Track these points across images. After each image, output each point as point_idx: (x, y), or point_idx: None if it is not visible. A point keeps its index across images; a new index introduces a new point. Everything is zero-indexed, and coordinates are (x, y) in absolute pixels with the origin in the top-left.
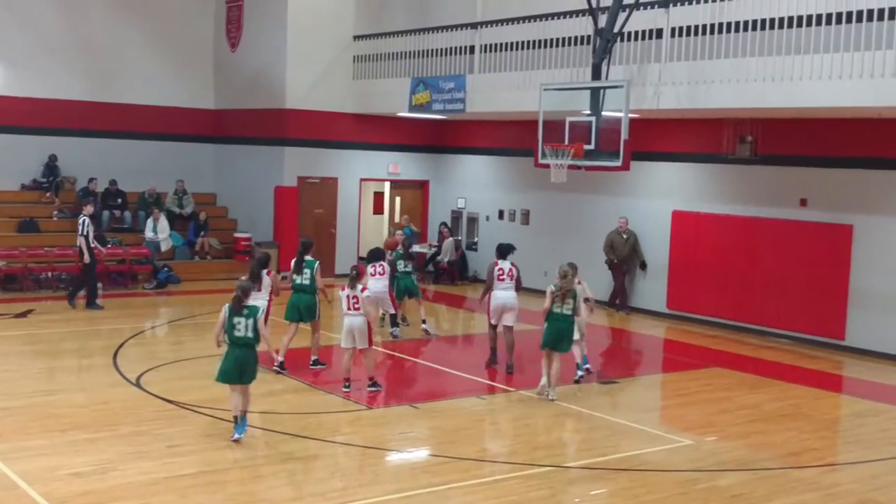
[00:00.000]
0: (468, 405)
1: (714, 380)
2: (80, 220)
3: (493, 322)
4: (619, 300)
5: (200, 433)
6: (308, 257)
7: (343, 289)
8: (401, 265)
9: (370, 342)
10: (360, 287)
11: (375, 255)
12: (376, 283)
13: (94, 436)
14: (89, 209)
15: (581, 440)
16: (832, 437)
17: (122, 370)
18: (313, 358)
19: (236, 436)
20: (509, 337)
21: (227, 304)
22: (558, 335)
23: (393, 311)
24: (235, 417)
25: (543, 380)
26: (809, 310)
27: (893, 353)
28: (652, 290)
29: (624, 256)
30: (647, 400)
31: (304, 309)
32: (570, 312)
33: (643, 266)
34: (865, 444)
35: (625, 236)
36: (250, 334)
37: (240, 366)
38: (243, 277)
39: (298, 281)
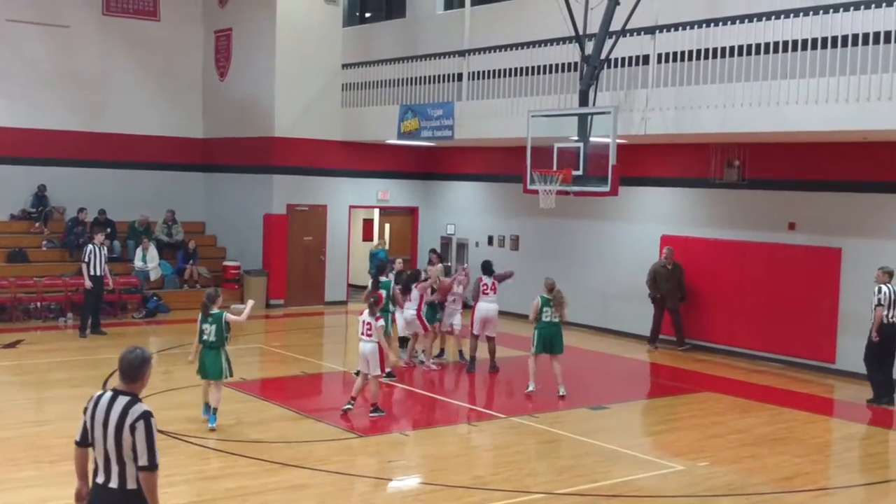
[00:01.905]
0: (459, 432)
1: (705, 404)
2: (85, 248)
3: (475, 332)
4: (676, 336)
5: (190, 463)
6: (383, 278)
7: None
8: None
9: (382, 369)
10: (376, 315)
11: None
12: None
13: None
14: (98, 238)
15: (572, 466)
16: (824, 460)
17: None
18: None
19: (211, 426)
20: (492, 345)
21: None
22: (550, 340)
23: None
24: (208, 405)
25: (531, 385)
26: (799, 333)
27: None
28: (641, 315)
29: (668, 290)
30: (637, 425)
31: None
32: (557, 320)
33: (682, 299)
34: (857, 468)
35: (669, 267)
36: (213, 338)
37: (206, 364)
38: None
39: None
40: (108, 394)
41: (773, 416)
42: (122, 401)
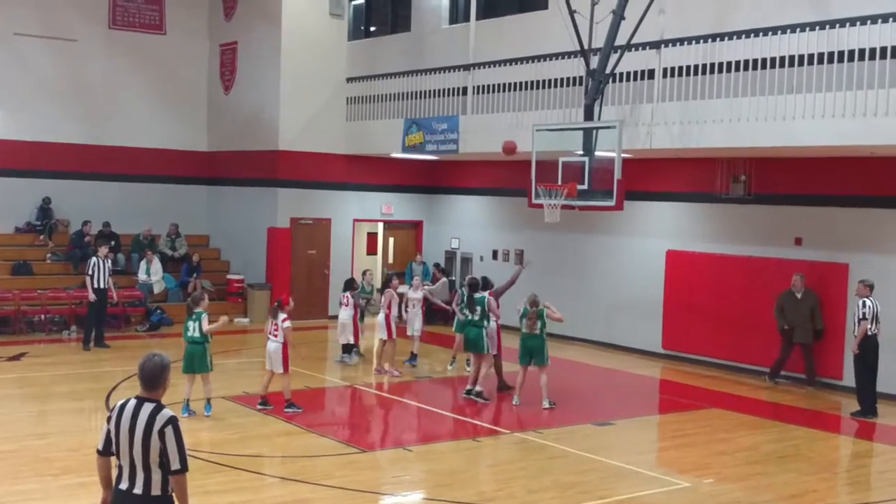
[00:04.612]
0: (463, 447)
1: (711, 421)
2: (89, 261)
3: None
4: (805, 373)
5: (192, 477)
6: (478, 294)
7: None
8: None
9: (286, 368)
10: (281, 317)
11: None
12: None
13: (87, 480)
14: (102, 250)
15: (577, 483)
16: (832, 478)
17: None
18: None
19: (207, 413)
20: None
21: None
22: (530, 351)
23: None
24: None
25: (516, 399)
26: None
27: (892, 392)
28: (647, 329)
29: (799, 322)
30: (643, 441)
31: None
32: (538, 332)
33: (818, 334)
34: (866, 486)
35: (798, 296)
36: (197, 334)
37: (190, 359)
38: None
39: (470, 318)
40: (133, 401)
41: (781, 433)
42: (147, 408)
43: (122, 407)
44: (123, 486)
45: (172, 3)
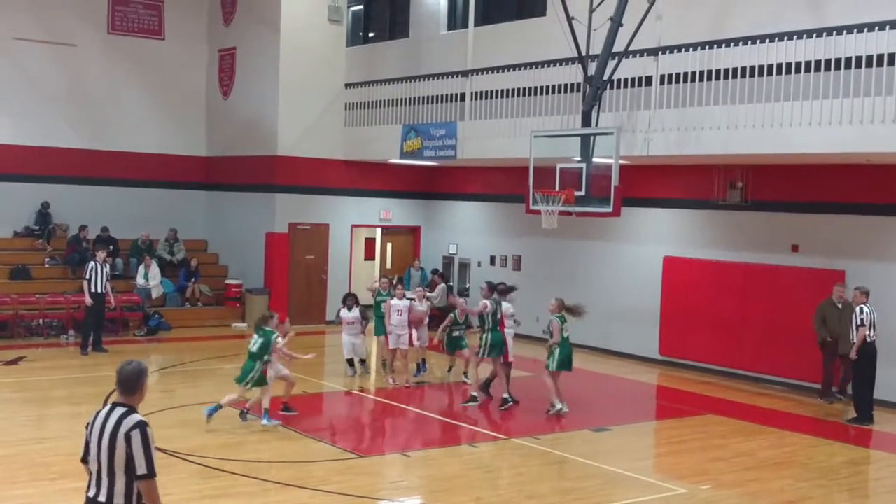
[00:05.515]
0: (461, 453)
1: (708, 427)
2: (86, 265)
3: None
4: (835, 387)
5: (191, 482)
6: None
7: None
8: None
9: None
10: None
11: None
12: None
13: (84, 484)
14: (100, 255)
15: (575, 489)
16: (828, 485)
17: None
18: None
19: (263, 422)
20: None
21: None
22: (569, 358)
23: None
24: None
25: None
26: (803, 356)
27: (888, 399)
28: (644, 336)
29: (841, 333)
30: (640, 447)
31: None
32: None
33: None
34: (862, 493)
35: (840, 306)
36: (254, 349)
37: (244, 371)
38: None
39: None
40: (108, 407)
41: (777, 440)
42: (118, 412)
43: (98, 413)
44: (91, 492)
45: (171, 8)
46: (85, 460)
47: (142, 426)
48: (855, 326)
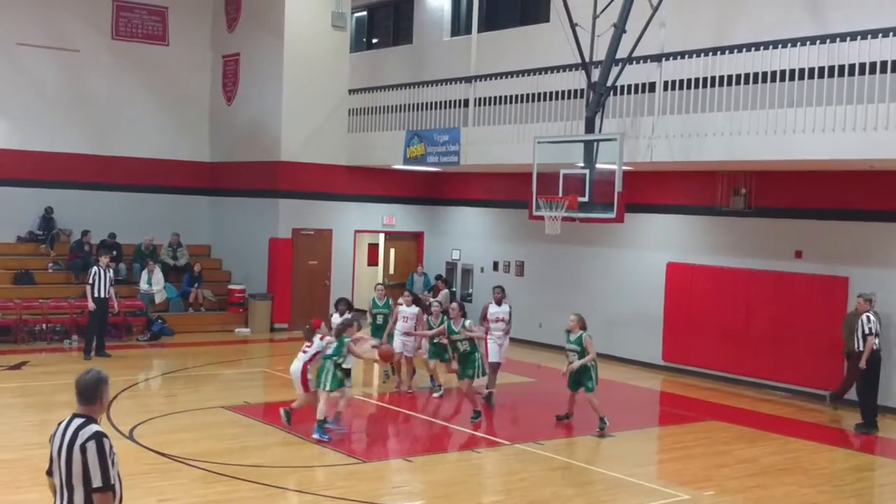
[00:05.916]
0: (463, 459)
1: (711, 433)
2: (90, 270)
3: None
4: (837, 390)
5: (193, 487)
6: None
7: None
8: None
9: (305, 388)
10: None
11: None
12: None
13: None
14: (103, 260)
15: (578, 495)
16: (832, 491)
17: (115, 422)
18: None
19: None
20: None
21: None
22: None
23: None
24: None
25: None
26: (807, 362)
27: (892, 406)
28: (647, 342)
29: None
30: (643, 453)
31: None
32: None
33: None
34: (866, 499)
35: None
36: (330, 352)
37: (318, 372)
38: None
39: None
40: (67, 418)
41: (781, 446)
42: (76, 422)
43: (59, 424)
44: None
45: (175, 14)
46: (50, 472)
47: (98, 437)
48: (862, 335)
